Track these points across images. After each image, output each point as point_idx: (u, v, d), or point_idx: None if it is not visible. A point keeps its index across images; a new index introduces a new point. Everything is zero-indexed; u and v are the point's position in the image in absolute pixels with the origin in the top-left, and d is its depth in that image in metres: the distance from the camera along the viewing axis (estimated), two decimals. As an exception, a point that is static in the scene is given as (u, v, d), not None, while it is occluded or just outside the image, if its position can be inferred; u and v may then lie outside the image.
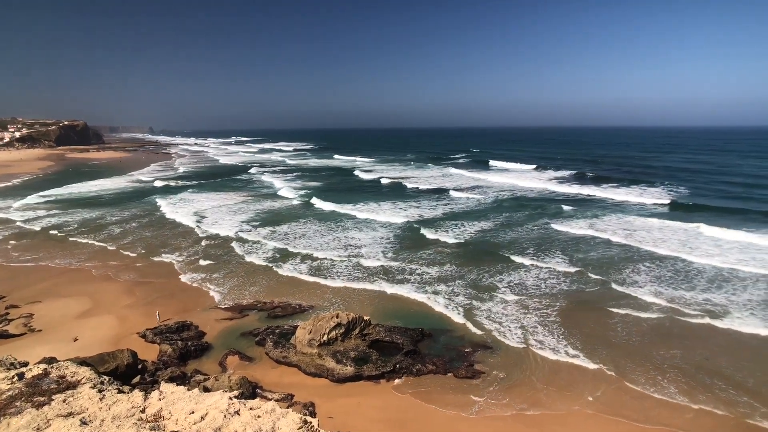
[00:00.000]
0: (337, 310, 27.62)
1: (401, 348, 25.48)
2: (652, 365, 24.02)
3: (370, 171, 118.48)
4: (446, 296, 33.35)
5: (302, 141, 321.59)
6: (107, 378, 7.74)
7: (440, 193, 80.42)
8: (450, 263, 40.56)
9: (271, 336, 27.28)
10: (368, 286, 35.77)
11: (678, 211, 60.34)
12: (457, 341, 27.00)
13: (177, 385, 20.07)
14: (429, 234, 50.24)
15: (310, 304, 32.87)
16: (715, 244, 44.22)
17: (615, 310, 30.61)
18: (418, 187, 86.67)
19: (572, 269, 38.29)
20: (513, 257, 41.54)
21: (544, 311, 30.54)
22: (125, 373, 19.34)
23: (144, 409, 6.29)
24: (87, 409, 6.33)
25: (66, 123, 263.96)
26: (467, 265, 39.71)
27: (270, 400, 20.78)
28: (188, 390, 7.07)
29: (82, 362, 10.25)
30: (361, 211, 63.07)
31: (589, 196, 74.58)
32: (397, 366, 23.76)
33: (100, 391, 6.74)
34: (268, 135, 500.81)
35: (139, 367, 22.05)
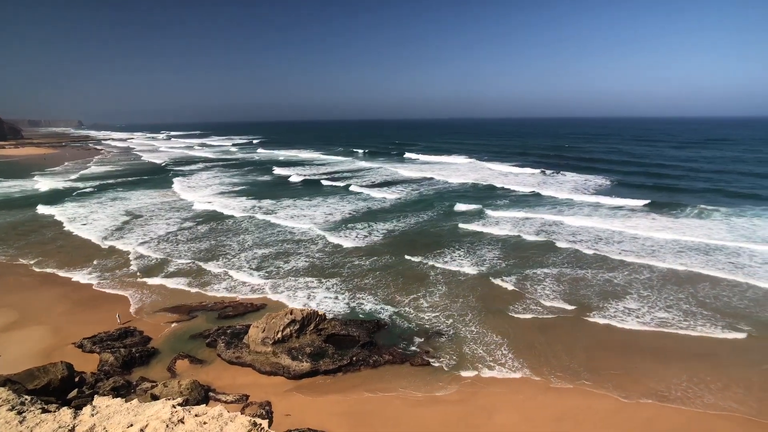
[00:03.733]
0: (291, 307, 27.18)
1: (358, 341, 25.55)
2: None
3: (294, 165, 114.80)
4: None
5: (250, 135, 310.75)
6: (29, 398, 7.03)
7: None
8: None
9: (222, 337, 26.37)
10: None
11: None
12: (412, 331, 27.51)
13: (121, 395, 18.91)
14: (331, 238, 47.13)
15: (262, 302, 32.11)
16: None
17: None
18: (331, 184, 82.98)
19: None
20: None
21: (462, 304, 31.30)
22: (59, 388, 17.88)
23: (74, 428, 5.78)
24: (5, 435, 5.73)
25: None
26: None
27: (221, 403, 20.15)
28: (126, 401, 6.63)
29: (4, 381, 9.32)
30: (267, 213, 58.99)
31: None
32: (354, 359, 23.84)
33: (19, 413, 6.08)
34: (213, 129, 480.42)
35: (77, 380, 20.50)
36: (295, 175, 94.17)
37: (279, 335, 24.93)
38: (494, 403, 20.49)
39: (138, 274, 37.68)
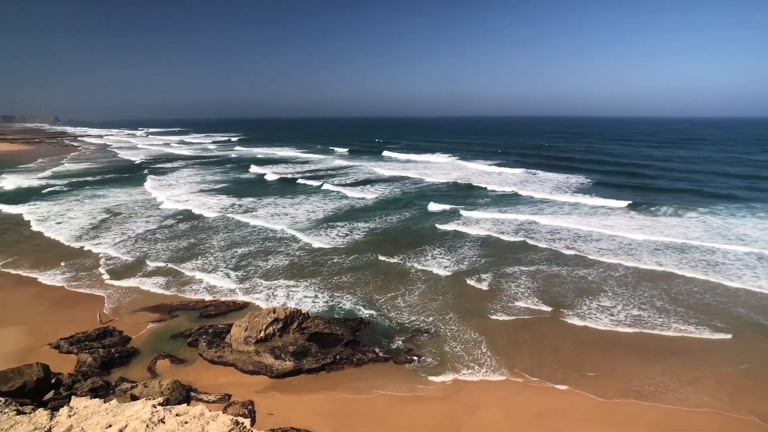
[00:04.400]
0: (274, 306, 27.03)
1: (341, 339, 25.56)
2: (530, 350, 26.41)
3: (271, 163, 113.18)
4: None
5: (231, 132, 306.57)
6: (3, 399, 6.85)
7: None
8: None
9: (204, 336, 26.04)
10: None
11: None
12: (395, 328, 27.64)
13: (99, 396, 18.55)
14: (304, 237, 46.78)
15: (245, 300, 31.81)
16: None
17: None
18: (305, 183, 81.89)
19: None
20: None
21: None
22: (35, 389, 17.43)
23: (50, 429, 5.66)
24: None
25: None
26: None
27: (203, 402, 19.94)
28: (105, 402, 6.53)
29: (-24, 383, 9.07)
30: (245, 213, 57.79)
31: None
32: (338, 357, 23.84)
33: (-7, 414, 5.94)
34: (194, 126, 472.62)
35: (53, 381, 20.02)
36: (272, 174, 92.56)
37: (262, 334, 24.76)
38: (477, 400, 20.77)
39: (113, 274, 36.72)
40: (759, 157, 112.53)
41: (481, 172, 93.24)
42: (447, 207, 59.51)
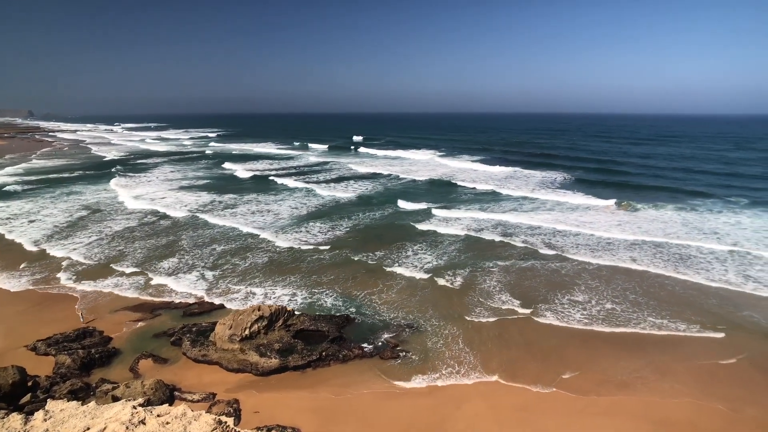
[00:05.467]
0: (259, 303, 26.82)
1: (327, 335, 25.52)
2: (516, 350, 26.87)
3: (247, 160, 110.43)
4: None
5: (211, 128, 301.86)
6: (-26, 404, 6.63)
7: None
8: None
9: (188, 335, 25.69)
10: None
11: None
12: (381, 324, 27.72)
13: (79, 398, 18.16)
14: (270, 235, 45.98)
15: (221, 303, 31.17)
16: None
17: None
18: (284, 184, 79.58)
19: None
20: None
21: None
22: (10, 393, 16.96)
23: (25, 433, 5.51)
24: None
25: None
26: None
27: (187, 402, 19.70)
28: (83, 404, 6.38)
29: (-53, 387, 8.76)
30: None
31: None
32: (324, 354, 23.80)
33: (-37, 419, 5.74)
34: (174, 121, 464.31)
35: (30, 384, 19.50)
36: (244, 171, 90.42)
37: (246, 332, 24.55)
38: (461, 395, 20.99)
39: (83, 275, 35.59)
40: (734, 154, 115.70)
41: (463, 169, 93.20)
42: (424, 205, 58.75)
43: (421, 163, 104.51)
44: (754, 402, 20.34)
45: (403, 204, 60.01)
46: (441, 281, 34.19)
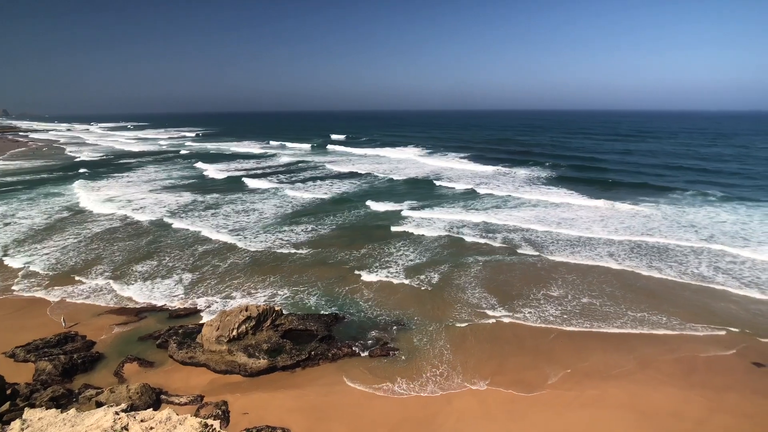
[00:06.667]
0: (247, 303, 26.53)
1: (316, 334, 25.37)
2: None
3: (223, 161, 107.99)
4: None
5: (194, 126, 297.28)
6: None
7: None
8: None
9: (174, 337, 25.28)
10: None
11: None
12: (371, 322, 27.67)
13: (61, 406, 17.70)
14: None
15: (196, 308, 30.54)
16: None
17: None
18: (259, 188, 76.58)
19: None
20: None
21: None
22: (-11, 401, 16.45)
23: (1, 443, 5.29)
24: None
25: None
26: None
27: (174, 405, 19.38)
28: (63, 412, 6.18)
29: None
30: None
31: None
32: (313, 353, 23.66)
33: (-66, 431, 5.48)
34: (154, 120, 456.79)
35: (8, 392, 18.95)
36: (218, 172, 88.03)
37: (234, 333, 24.26)
38: (451, 391, 21.07)
39: (53, 280, 34.52)
40: (707, 150, 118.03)
41: (445, 168, 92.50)
42: (405, 204, 57.99)
43: (404, 162, 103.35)
44: (733, 389, 20.93)
45: (385, 202, 58.97)
46: (416, 282, 33.58)
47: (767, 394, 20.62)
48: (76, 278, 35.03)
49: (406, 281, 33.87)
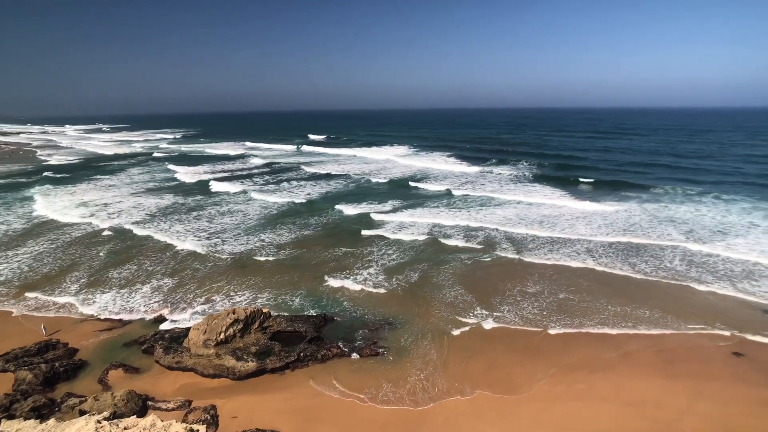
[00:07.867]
0: (234, 306, 26.24)
1: (305, 336, 25.22)
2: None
3: (198, 163, 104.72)
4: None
5: (174, 128, 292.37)
6: None
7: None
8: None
9: (160, 342, 24.88)
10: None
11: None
12: (360, 321, 27.62)
13: (43, 416, 17.28)
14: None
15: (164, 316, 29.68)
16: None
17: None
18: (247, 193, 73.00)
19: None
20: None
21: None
22: (-33, 413, 15.96)
23: (-23, 456, 5.12)
24: None
25: None
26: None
27: (161, 411, 19.08)
28: (42, 422, 6.02)
29: None
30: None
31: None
32: (302, 354, 23.52)
33: None
34: (133, 122, 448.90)
35: (-12, 402, 18.43)
36: (189, 175, 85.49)
37: (222, 336, 23.98)
38: (440, 389, 21.15)
39: (32, 287, 33.53)
40: (687, 146, 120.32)
41: (428, 168, 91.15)
42: (385, 205, 57.01)
43: (385, 162, 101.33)
44: (714, 378, 21.50)
45: (362, 204, 57.60)
46: (394, 284, 33.26)
47: (747, 382, 21.22)
48: (54, 284, 33.95)
49: (386, 284, 33.19)
